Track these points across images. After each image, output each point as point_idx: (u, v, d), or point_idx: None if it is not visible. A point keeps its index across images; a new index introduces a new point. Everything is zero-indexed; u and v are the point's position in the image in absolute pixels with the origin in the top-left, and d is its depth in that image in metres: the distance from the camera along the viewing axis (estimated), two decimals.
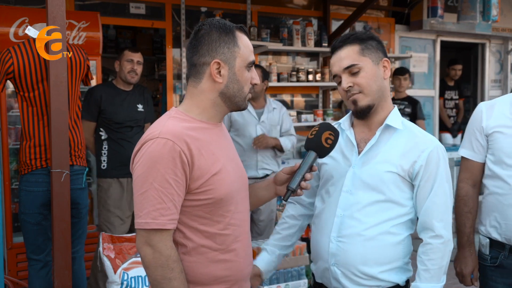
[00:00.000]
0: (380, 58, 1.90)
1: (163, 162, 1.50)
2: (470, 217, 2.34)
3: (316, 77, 5.93)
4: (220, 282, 1.63)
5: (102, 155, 4.01)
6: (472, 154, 2.34)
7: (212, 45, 1.62)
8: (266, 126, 4.27)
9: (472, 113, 2.40)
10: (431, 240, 1.85)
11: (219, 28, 1.63)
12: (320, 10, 6.37)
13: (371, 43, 1.90)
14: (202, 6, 5.24)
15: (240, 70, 1.65)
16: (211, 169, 1.58)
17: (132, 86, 4.12)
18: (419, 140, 1.89)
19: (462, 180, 2.38)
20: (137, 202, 1.53)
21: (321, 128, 1.80)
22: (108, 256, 3.20)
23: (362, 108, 1.87)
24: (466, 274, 2.34)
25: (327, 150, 1.79)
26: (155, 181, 1.50)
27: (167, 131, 1.54)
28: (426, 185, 1.85)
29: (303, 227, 2.16)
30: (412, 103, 5.63)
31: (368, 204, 1.86)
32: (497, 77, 8.21)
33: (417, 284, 1.84)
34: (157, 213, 1.50)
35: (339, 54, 1.90)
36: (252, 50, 1.69)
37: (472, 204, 2.35)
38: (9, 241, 4.18)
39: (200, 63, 1.64)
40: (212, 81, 1.63)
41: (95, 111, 3.98)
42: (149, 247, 1.52)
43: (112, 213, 3.97)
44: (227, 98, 1.66)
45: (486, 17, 6.28)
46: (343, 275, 1.87)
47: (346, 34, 1.94)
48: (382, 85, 1.90)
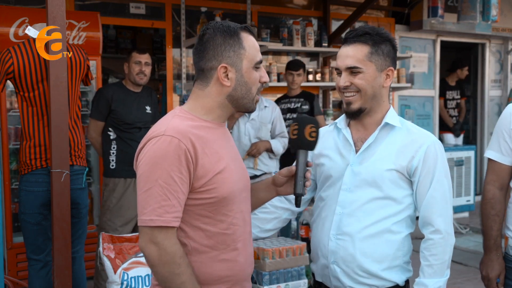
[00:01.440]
0: (386, 66, 1.89)
1: (169, 159, 1.50)
2: (497, 220, 2.29)
3: (316, 77, 5.93)
4: (222, 282, 1.63)
5: (111, 154, 4.01)
6: (500, 156, 2.28)
7: (217, 49, 1.62)
8: (256, 124, 4.25)
9: (501, 114, 2.33)
10: (432, 235, 1.86)
11: (223, 32, 1.63)
12: (320, 10, 6.37)
13: (383, 48, 1.88)
14: (202, 6, 5.24)
15: (248, 71, 1.65)
16: (215, 168, 1.58)
17: (141, 88, 4.14)
18: (415, 136, 1.90)
19: (489, 183, 2.32)
20: (141, 199, 1.52)
21: (301, 125, 1.78)
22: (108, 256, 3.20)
23: (354, 111, 1.89)
24: (492, 278, 2.29)
25: (314, 143, 1.78)
26: (160, 178, 1.50)
27: (173, 128, 1.54)
28: (425, 180, 1.86)
29: (283, 220, 2.13)
30: (309, 98, 5.04)
31: (367, 202, 1.87)
32: (497, 77, 8.21)
33: (421, 279, 1.85)
34: (162, 210, 1.49)
35: (348, 49, 1.88)
36: (258, 49, 1.70)
37: (500, 207, 2.30)
38: (9, 241, 4.18)
39: (207, 68, 1.64)
40: (220, 85, 1.64)
41: (105, 111, 3.98)
42: (153, 245, 1.51)
43: (116, 213, 3.98)
44: (235, 100, 1.66)
45: (486, 17, 6.28)
46: (343, 272, 1.88)
47: (363, 29, 1.90)
48: (378, 92, 1.90)
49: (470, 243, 5.82)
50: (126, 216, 4.00)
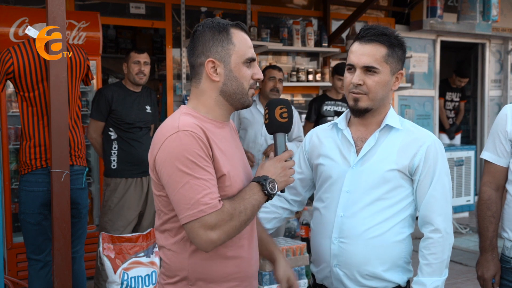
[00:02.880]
0: (397, 69, 1.89)
1: (193, 151, 1.52)
2: (493, 221, 2.30)
3: (316, 77, 5.93)
4: (230, 280, 1.64)
5: (112, 154, 4.01)
6: (496, 158, 2.29)
7: (206, 44, 1.64)
8: None
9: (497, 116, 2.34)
10: (431, 234, 1.86)
11: (212, 28, 1.65)
12: (320, 10, 6.36)
13: (397, 51, 1.87)
14: (202, 6, 5.24)
15: (237, 67, 1.65)
16: (222, 169, 1.60)
17: (141, 88, 4.14)
18: (416, 135, 1.90)
19: (485, 184, 2.33)
20: (179, 197, 1.53)
21: (270, 109, 1.75)
22: (108, 256, 3.20)
23: (361, 109, 1.88)
24: (488, 279, 2.29)
25: (288, 123, 1.74)
26: (192, 171, 1.51)
27: (185, 124, 1.56)
28: (425, 179, 1.86)
29: (282, 219, 2.15)
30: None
31: (369, 203, 1.86)
32: (497, 77, 8.20)
33: (420, 278, 1.85)
34: (207, 198, 1.51)
35: (365, 48, 1.85)
36: (250, 46, 1.69)
37: (496, 208, 2.30)
38: (9, 241, 4.18)
39: (197, 64, 1.66)
40: (210, 80, 1.65)
41: (105, 111, 3.98)
42: (211, 231, 1.52)
43: (117, 213, 3.97)
44: (228, 96, 1.67)
45: (486, 17, 6.28)
46: (345, 276, 1.87)
47: (380, 29, 1.86)
48: (387, 94, 1.90)
49: (470, 243, 5.82)
50: (127, 216, 4.00)
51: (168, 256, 1.66)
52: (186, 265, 1.62)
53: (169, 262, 1.65)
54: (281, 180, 1.66)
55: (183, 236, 1.61)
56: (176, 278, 1.64)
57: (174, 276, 1.65)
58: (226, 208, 1.54)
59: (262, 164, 1.71)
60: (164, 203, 1.63)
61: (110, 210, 3.98)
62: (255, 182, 1.63)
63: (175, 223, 1.61)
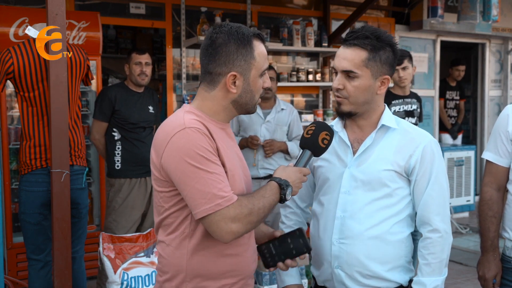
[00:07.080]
0: (381, 73, 1.86)
1: (202, 147, 1.55)
2: (495, 222, 2.30)
3: (316, 77, 5.93)
4: (227, 277, 1.66)
5: (116, 155, 4.02)
6: (497, 158, 2.29)
7: (230, 57, 1.64)
8: (271, 126, 4.27)
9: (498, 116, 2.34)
10: (430, 234, 1.86)
11: (237, 40, 1.64)
12: (320, 10, 6.36)
13: (381, 54, 1.84)
14: (202, 6, 5.24)
15: (255, 80, 1.68)
16: (227, 163, 1.63)
17: (143, 88, 4.15)
18: (412, 135, 1.90)
19: (486, 184, 2.33)
20: (194, 191, 1.54)
21: (318, 128, 1.79)
22: (108, 256, 3.20)
23: (343, 112, 1.90)
24: (489, 279, 2.29)
25: (323, 149, 1.80)
26: (204, 166, 1.54)
27: (190, 122, 1.59)
28: (422, 179, 1.86)
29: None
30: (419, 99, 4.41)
31: (368, 203, 1.87)
32: (497, 77, 8.20)
33: (419, 278, 1.85)
34: (222, 192, 1.54)
35: (346, 52, 1.85)
36: (266, 56, 1.72)
37: (497, 208, 2.30)
38: (9, 241, 4.18)
39: (216, 72, 1.66)
40: (226, 90, 1.67)
41: (108, 111, 3.98)
42: (232, 223, 1.55)
43: (121, 214, 3.97)
44: (239, 105, 1.70)
45: (486, 17, 6.28)
46: (347, 276, 1.87)
47: (364, 31, 1.84)
48: (371, 99, 1.88)
49: (470, 243, 5.82)
50: (132, 216, 4.01)
51: (166, 251, 1.67)
52: (184, 261, 1.63)
53: (167, 257, 1.67)
54: (295, 189, 1.71)
55: (182, 231, 1.63)
56: (173, 273, 1.65)
57: (171, 272, 1.66)
58: (244, 203, 1.57)
59: (285, 167, 1.74)
60: (165, 199, 1.64)
61: (114, 211, 3.98)
62: (277, 183, 1.66)
63: (175, 218, 1.63)
